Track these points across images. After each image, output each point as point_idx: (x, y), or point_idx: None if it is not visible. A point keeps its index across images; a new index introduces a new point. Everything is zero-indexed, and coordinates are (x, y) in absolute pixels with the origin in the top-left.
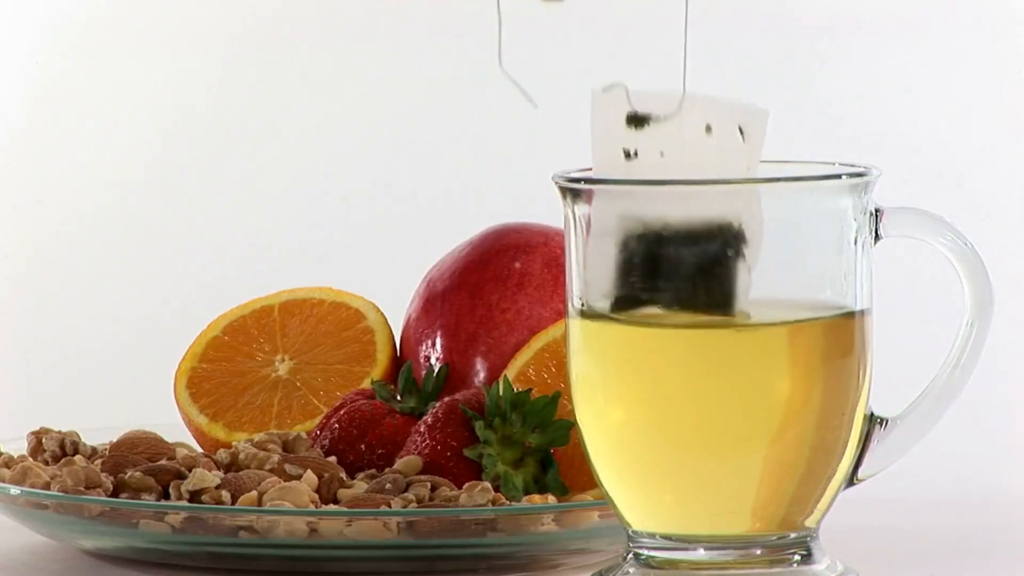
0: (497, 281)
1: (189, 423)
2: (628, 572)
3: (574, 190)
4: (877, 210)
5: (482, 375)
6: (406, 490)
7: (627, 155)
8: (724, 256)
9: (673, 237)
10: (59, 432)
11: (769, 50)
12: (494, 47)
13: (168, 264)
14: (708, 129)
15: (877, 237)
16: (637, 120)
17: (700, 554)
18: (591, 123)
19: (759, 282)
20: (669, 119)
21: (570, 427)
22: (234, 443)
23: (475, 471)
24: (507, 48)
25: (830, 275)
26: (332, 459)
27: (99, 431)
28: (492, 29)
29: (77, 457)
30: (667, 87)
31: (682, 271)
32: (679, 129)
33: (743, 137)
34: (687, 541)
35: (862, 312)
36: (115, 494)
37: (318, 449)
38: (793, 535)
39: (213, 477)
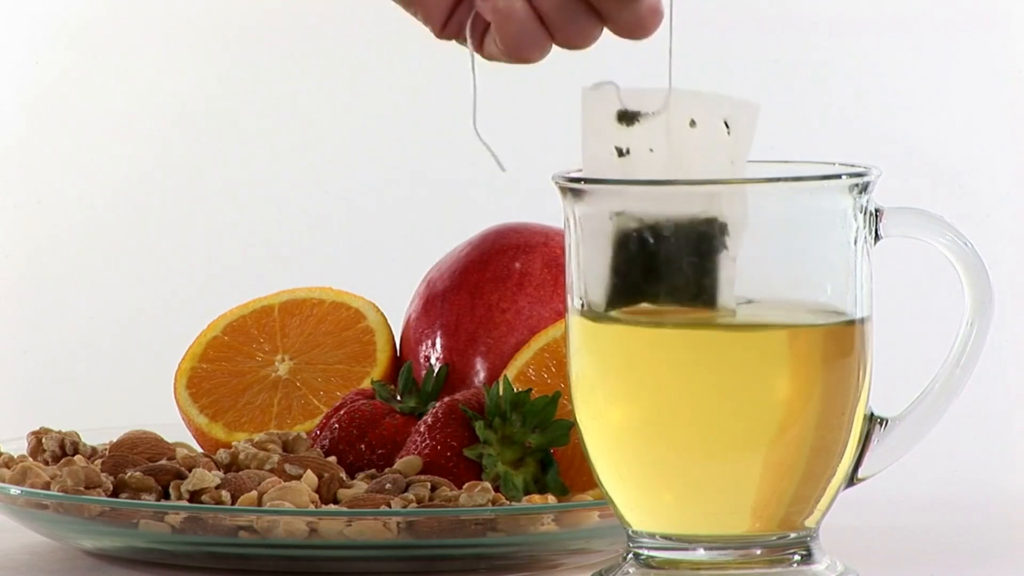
0: (497, 281)
1: (189, 423)
2: (628, 572)
3: (574, 190)
4: (877, 210)
5: (482, 375)
6: (406, 490)
7: (619, 152)
8: (706, 248)
9: (654, 231)
10: (59, 432)
11: (769, 50)
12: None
13: (168, 264)
14: (692, 123)
15: (877, 237)
16: (627, 117)
17: (700, 554)
18: (582, 121)
19: (760, 282)
20: (658, 115)
21: (570, 427)
22: (234, 443)
23: (475, 471)
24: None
25: (830, 275)
26: (332, 459)
27: (99, 431)
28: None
29: (77, 457)
30: (656, 84)
31: (663, 265)
32: (667, 124)
33: (728, 130)
34: (687, 541)
35: (862, 312)
36: (115, 494)
37: (318, 449)
38: (793, 535)
39: (213, 477)
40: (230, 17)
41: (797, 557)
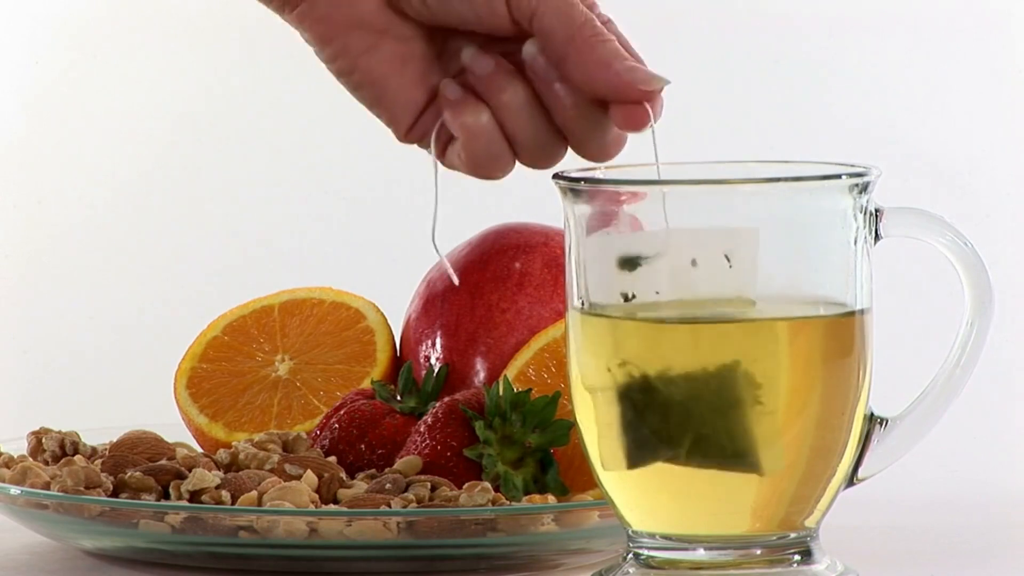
0: (497, 281)
1: (189, 423)
2: (628, 572)
3: (574, 190)
4: (877, 210)
5: (482, 375)
6: (406, 490)
7: (625, 298)
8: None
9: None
10: (59, 432)
11: (769, 50)
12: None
13: (168, 264)
14: (693, 263)
15: (877, 237)
16: (628, 263)
17: (700, 554)
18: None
19: (760, 282)
20: (658, 258)
21: (570, 427)
22: (234, 443)
23: (475, 471)
24: None
25: (830, 275)
26: (332, 459)
27: (99, 431)
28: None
29: (77, 457)
30: (652, 229)
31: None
32: (669, 266)
33: (730, 264)
34: (687, 541)
35: (862, 312)
36: (115, 494)
37: (318, 449)
38: (793, 535)
39: (213, 477)
40: (230, 17)
41: (797, 557)
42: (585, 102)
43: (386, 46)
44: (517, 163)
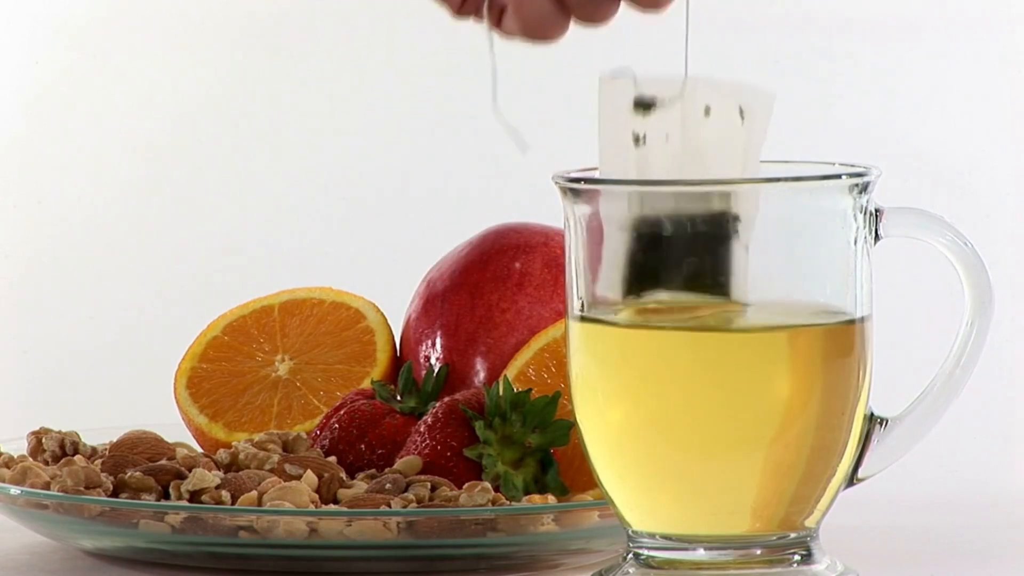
0: (497, 281)
1: (189, 423)
2: (628, 572)
3: (574, 190)
4: (877, 210)
5: (482, 375)
6: (406, 490)
7: (636, 140)
8: (719, 238)
9: (667, 223)
10: (59, 432)
11: (769, 50)
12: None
13: (168, 264)
14: (707, 111)
15: (877, 237)
16: (644, 104)
17: (700, 554)
18: (599, 108)
19: (760, 282)
20: (675, 102)
21: (570, 427)
22: (234, 443)
23: (475, 471)
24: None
25: (830, 275)
26: (332, 459)
27: (99, 431)
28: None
29: (77, 457)
30: (673, 71)
31: (677, 255)
32: (682, 112)
33: (742, 119)
34: (687, 541)
35: (862, 312)
36: (115, 494)
37: (318, 449)
38: (793, 535)
39: (213, 477)
40: (230, 17)
41: (797, 557)
42: None
43: None
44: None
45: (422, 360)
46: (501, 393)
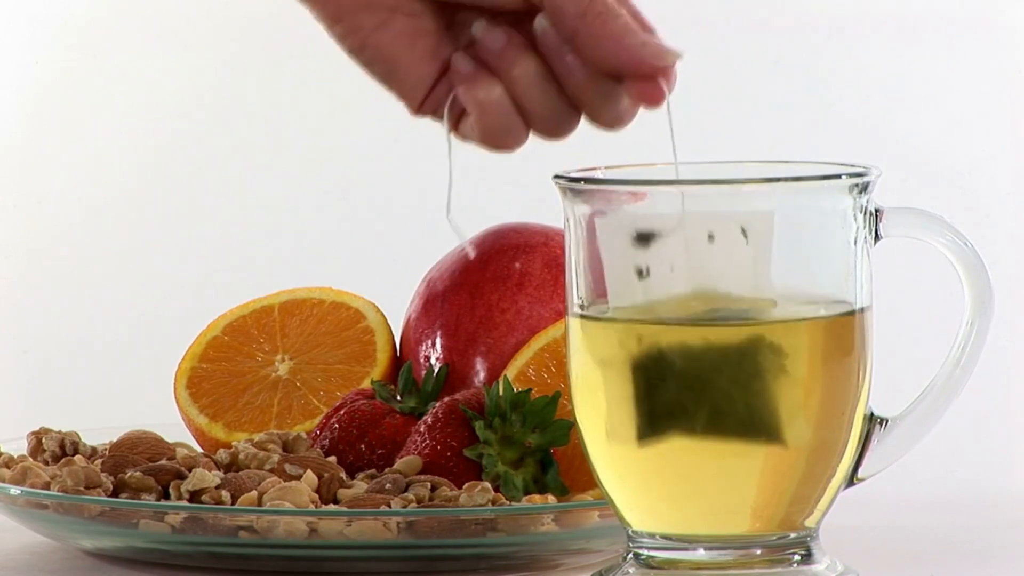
0: (497, 281)
1: (189, 423)
2: (628, 572)
3: (574, 190)
4: (877, 210)
5: (482, 375)
6: (406, 490)
7: (639, 274)
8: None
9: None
10: (59, 432)
11: (769, 50)
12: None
13: (168, 264)
14: (711, 238)
15: (877, 237)
16: (643, 239)
17: (700, 554)
18: (600, 247)
19: (760, 281)
20: (674, 233)
21: (570, 427)
22: (234, 443)
23: (475, 471)
24: None
25: (830, 275)
26: (332, 459)
27: (99, 431)
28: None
29: (77, 457)
30: (669, 205)
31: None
32: (684, 242)
33: (746, 239)
34: (687, 541)
35: (862, 312)
36: (115, 494)
37: (318, 449)
38: (793, 535)
39: (213, 477)
40: (230, 17)
41: (797, 557)
42: (598, 73)
43: (396, 22)
44: (531, 135)
45: (422, 360)
46: (501, 393)
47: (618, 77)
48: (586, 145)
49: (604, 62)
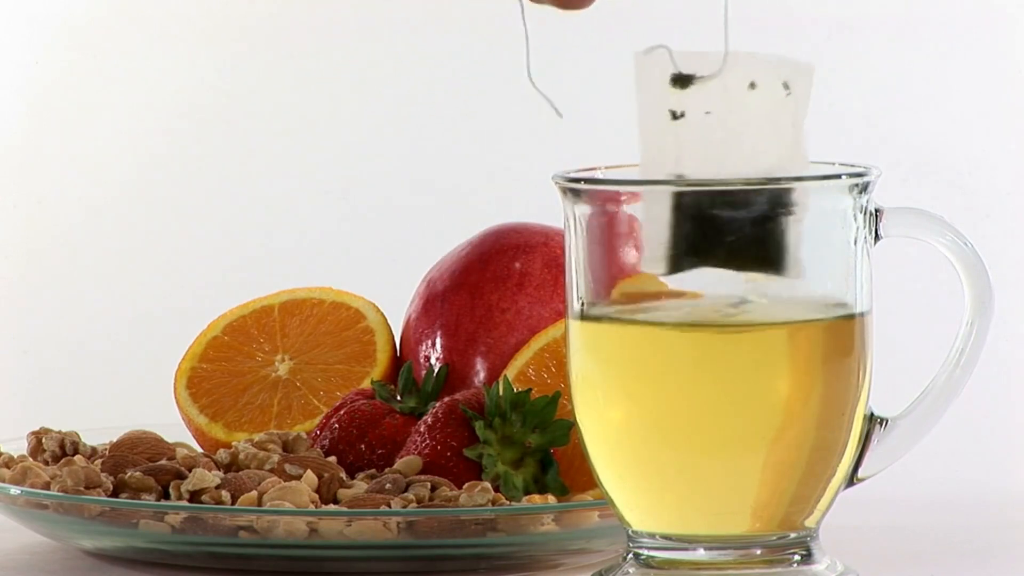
0: (497, 281)
1: (189, 423)
2: (628, 572)
3: (574, 190)
4: (877, 210)
5: (482, 375)
6: (406, 490)
7: (673, 115)
8: (771, 217)
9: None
10: (59, 432)
11: (769, 50)
12: (494, 51)
13: (168, 264)
14: (752, 85)
15: (877, 237)
16: (682, 80)
17: (700, 554)
18: (636, 85)
19: (760, 281)
20: (713, 77)
21: (570, 427)
22: (234, 443)
23: (475, 471)
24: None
25: (830, 275)
26: (332, 459)
27: (99, 431)
28: (501, 34)
29: (77, 457)
30: (710, 48)
31: (730, 231)
32: (724, 87)
33: (788, 92)
34: (687, 541)
35: (862, 312)
36: (115, 494)
37: (318, 449)
38: (793, 535)
39: (213, 477)
40: (230, 17)
41: (797, 557)
42: None
43: None
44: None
45: (422, 360)
46: (501, 393)
47: None
48: (587, 145)
49: None
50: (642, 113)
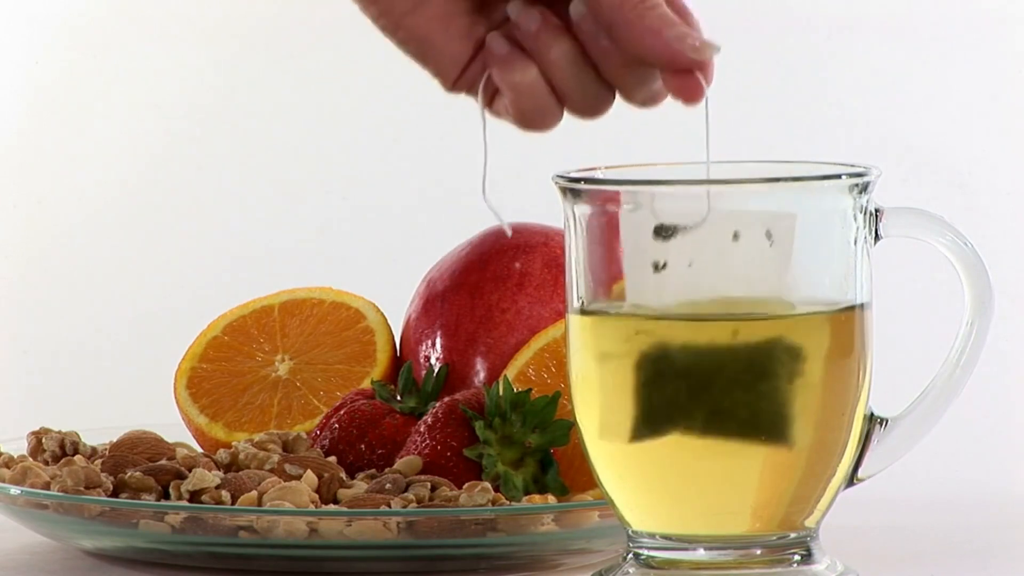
0: (497, 281)
1: (189, 423)
2: (628, 572)
3: (574, 190)
4: (877, 210)
5: (482, 375)
6: (406, 490)
7: (655, 267)
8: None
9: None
10: (59, 432)
11: (770, 50)
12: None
13: (168, 264)
14: (735, 236)
15: (877, 237)
16: (664, 231)
17: (700, 554)
18: (621, 238)
19: (760, 280)
20: (696, 229)
21: (570, 427)
22: (234, 443)
23: (475, 471)
24: None
25: (830, 275)
26: (332, 459)
27: (99, 431)
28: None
29: (77, 457)
30: (693, 200)
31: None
32: (706, 239)
33: (770, 242)
34: (687, 541)
35: (862, 312)
36: (115, 494)
37: (318, 449)
38: (793, 535)
39: (213, 477)
40: (231, 17)
41: (797, 557)
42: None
43: (430, 3)
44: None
45: (422, 360)
46: (501, 393)
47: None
48: (587, 145)
49: (642, 54)
50: (625, 261)
